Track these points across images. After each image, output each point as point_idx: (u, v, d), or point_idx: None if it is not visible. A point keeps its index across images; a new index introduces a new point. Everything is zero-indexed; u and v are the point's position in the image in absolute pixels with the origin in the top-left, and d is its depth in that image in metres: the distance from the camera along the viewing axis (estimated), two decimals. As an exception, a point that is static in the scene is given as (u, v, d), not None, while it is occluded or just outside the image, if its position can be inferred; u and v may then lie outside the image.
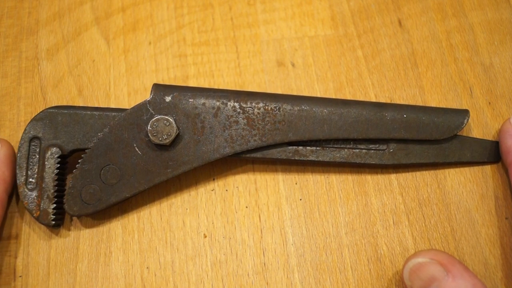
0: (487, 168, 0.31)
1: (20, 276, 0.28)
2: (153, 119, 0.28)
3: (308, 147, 0.30)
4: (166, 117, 0.28)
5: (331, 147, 0.30)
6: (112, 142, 0.28)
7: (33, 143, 0.28)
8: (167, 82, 0.33)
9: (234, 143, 0.29)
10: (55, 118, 0.29)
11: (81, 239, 0.29)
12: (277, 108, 0.29)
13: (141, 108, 0.28)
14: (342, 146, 0.30)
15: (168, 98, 0.29)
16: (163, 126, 0.28)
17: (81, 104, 0.33)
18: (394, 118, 0.29)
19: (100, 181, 0.28)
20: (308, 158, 0.30)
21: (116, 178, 0.28)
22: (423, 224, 0.30)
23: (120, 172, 0.28)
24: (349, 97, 0.33)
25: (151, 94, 0.29)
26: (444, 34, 0.35)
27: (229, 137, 0.29)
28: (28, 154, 0.28)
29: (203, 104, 0.29)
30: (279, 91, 0.33)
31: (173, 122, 0.28)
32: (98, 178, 0.28)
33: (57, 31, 0.35)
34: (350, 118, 0.29)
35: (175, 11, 0.36)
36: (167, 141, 0.28)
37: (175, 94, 0.29)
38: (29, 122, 0.29)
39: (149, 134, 0.28)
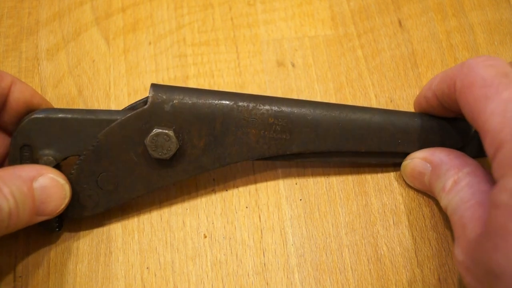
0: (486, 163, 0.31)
1: (20, 276, 0.28)
2: (152, 134, 0.27)
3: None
4: (166, 131, 0.27)
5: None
6: (108, 150, 0.27)
7: (24, 151, 0.27)
8: (167, 82, 0.33)
9: (236, 153, 0.28)
10: (45, 124, 0.27)
11: (81, 239, 0.29)
12: (284, 119, 0.28)
13: (138, 117, 0.27)
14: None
15: (167, 107, 0.27)
16: (163, 141, 0.27)
17: (81, 104, 0.33)
18: (403, 131, 0.29)
19: (97, 187, 0.28)
20: (308, 159, 0.30)
21: (113, 185, 0.28)
22: (423, 224, 0.30)
23: (117, 179, 0.28)
24: (349, 97, 0.33)
25: (148, 101, 0.27)
26: (444, 34, 0.35)
27: (231, 147, 0.28)
28: (21, 162, 0.27)
29: (205, 114, 0.27)
30: (279, 91, 0.33)
31: (173, 137, 0.27)
32: (95, 184, 0.28)
33: (57, 31, 0.35)
34: (357, 132, 0.28)
35: (175, 11, 0.36)
36: (167, 155, 0.27)
37: (175, 102, 0.27)
38: (17, 129, 0.27)
39: (148, 149, 0.27)
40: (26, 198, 0.25)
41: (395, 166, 0.31)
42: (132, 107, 0.28)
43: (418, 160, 0.28)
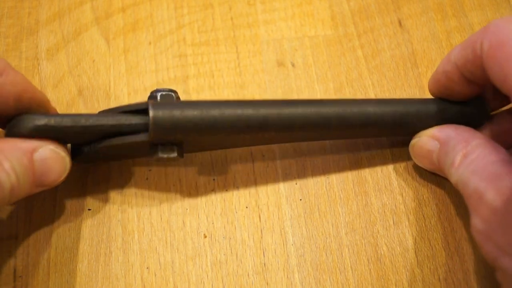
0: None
1: (20, 276, 0.28)
2: (155, 157, 0.27)
3: None
4: (170, 156, 0.26)
5: None
6: (111, 153, 0.28)
7: None
8: (167, 82, 0.33)
9: (239, 144, 0.30)
10: (37, 134, 0.25)
11: (81, 239, 0.29)
12: (293, 133, 0.28)
13: (139, 142, 0.26)
14: None
15: (171, 137, 0.26)
16: (167, 159, 0.27)
17: (81, 104, 0.33)
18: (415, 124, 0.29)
19: (103, 157, 0.29)
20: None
21: (119, 157, 0.30)
22: (423, 224, 0.30)
23: (121, 155, 0.30)
24: (349, 97, 0.33)
25: (149, 134, 0.25)
26: (444, 34, 0.35)
27: (234, 142, 0.29)
28: None
29: (211, 140, 0.28)
30: (279, 91, 0.33)
31: (178, 154, 0.27)
32: (100, 156, 0.29)
33: (57, 31, 0.35)
34: (367, 132, 0.29)
35: (175, 11, 0.36)
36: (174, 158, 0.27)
37: (178, 136, 0.26)
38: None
39: (153, 160, 0.27)
40: (27, 171, 0.24)
41: (395, 165, 0.31)
42: (130, 111, 0.27)
43: (426, 137, 0.28)
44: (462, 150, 0.25)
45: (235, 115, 0.26)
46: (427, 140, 0.28)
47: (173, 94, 0.28)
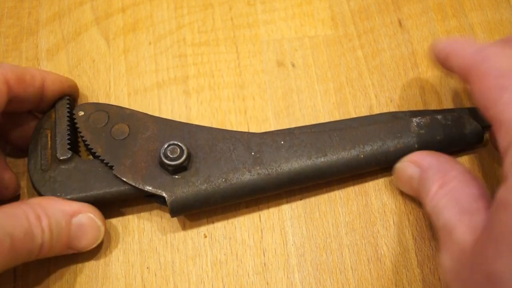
0: (484, 162, 0.31)
1: (20, 276, 0.28)
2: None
3: None
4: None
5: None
6: None
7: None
8: (167, 82, 0.33)
9: None
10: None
11: (81, 239, 0.29)
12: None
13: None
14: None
15: (188, 212, 0.29)
16: None
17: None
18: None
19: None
20: None
21: None
22: (423, 224, 0.30)
23: None
24: (349, 97, 0.33)
25: (170, 212, 0.28)
26: (444, 34, 0.35)
27: None
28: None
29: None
30: (279, 91, 0.33)
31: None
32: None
33: (57, 31, 0.35)
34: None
35: (175, 11, 0.36)
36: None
37: (193, 211, 0.28)
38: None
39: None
40: (62, 232, 0.25)
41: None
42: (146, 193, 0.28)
43: (408, 163, 0.27)
44: (438, 181, 0.25)
45: (247, 185, 0.28)
46: (409, 166, 0.27)
47: (178, 148, 0.28)
